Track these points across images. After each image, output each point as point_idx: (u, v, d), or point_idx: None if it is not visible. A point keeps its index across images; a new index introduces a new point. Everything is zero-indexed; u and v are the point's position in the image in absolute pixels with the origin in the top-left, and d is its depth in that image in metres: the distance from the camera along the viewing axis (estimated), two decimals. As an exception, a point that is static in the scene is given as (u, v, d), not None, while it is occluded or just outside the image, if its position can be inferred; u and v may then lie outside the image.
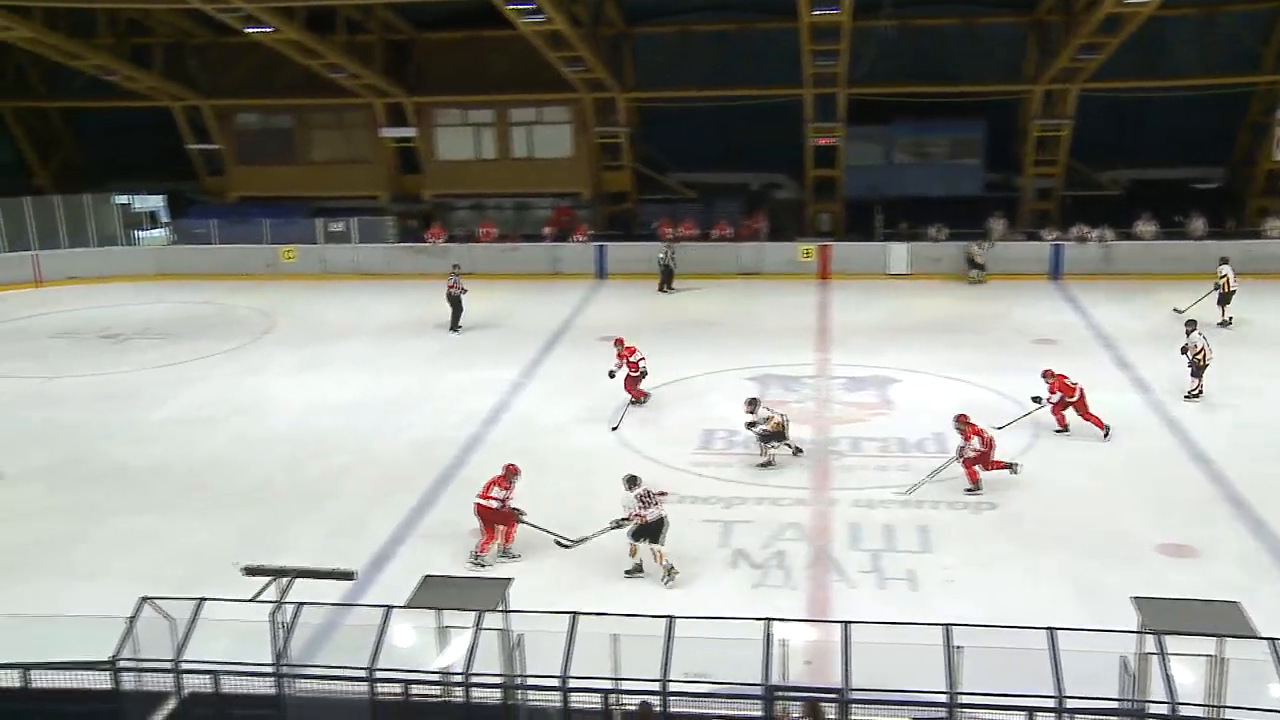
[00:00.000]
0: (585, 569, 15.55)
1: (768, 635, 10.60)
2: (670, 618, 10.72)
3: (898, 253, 34.02)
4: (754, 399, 19.59)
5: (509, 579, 12.03)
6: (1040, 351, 25.17)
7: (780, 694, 10.59)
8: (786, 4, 29.36)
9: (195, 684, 11.41)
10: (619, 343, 22.46)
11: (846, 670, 10.38)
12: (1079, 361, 22.88)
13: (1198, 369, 21.82)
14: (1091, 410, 20.07)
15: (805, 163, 35.46)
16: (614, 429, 19.64)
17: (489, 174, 37.07)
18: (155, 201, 38.35)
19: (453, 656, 11.30)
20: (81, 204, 36.38)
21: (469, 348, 27.05)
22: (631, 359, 22.09)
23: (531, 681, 11.12)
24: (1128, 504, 17.33)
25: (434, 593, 11.80)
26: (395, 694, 11.15)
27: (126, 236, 37.15)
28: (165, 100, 36.47)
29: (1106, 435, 19.88)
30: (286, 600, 11.77)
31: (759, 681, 10.50)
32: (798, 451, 19.26)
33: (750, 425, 19.14)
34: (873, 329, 28.05)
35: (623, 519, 15.33)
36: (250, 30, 30.08)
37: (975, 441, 17.71)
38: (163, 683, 11.47)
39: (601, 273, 34.39)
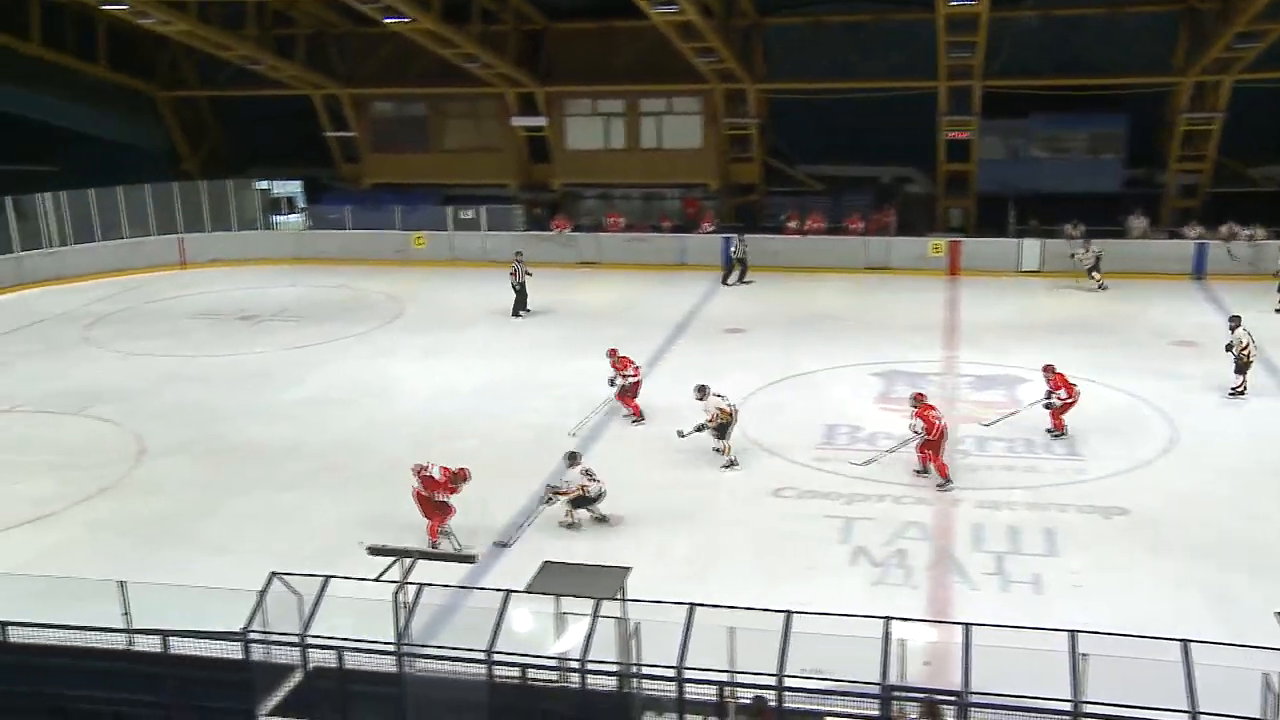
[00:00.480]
0: (705, 561, 15.53)
1: (886, 634, 10.43)
2: (788, 613, 10.62)
3: (1031, 249, 33.14)
4: (703, 386, 19.27)
5: (628, 568, 12.06)
6: (1179, 354, 24.28)
7: (898, 694, 10.42)
8: (922, -6, 28.84)
9: (320, 658, 11.72)
10: (613, 353, 21.54)
11: (966, 673, 10.16)
12: (1220, 365, 22.01)
13: (1242, 366, 21.22)
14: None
15: (937, 156, 34.78)
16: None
17: (617, 164, 37.24)
18: (293, 187, 39.47)
19: (570, 642, 11.38)
20: (225, 189, 37.64)
21: (593, 336, 27.17)
22: (625, 371, 21.27)
23: (647, 670, 11.14)
24: (1270, 513, 16.61)
25: (553, 578, 11.89)
26: (512, 677, 11.28)
27: (265, 221, 38.32)
28: (306, 89, 37.49)
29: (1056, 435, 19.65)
30: (409, 581, 12.00)
31: (877, 681, 10.34)
32: (732, 464, 18.78)
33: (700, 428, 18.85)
34: (1002, 327, 27.40)
35: (559, 490, 16.47)
36: (388, 20, 30.74)
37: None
38: (290, 656, 11.81)
39: (728, 264, 34.31)
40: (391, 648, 11.59)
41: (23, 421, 22.18)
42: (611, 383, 21.22)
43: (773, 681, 10.38)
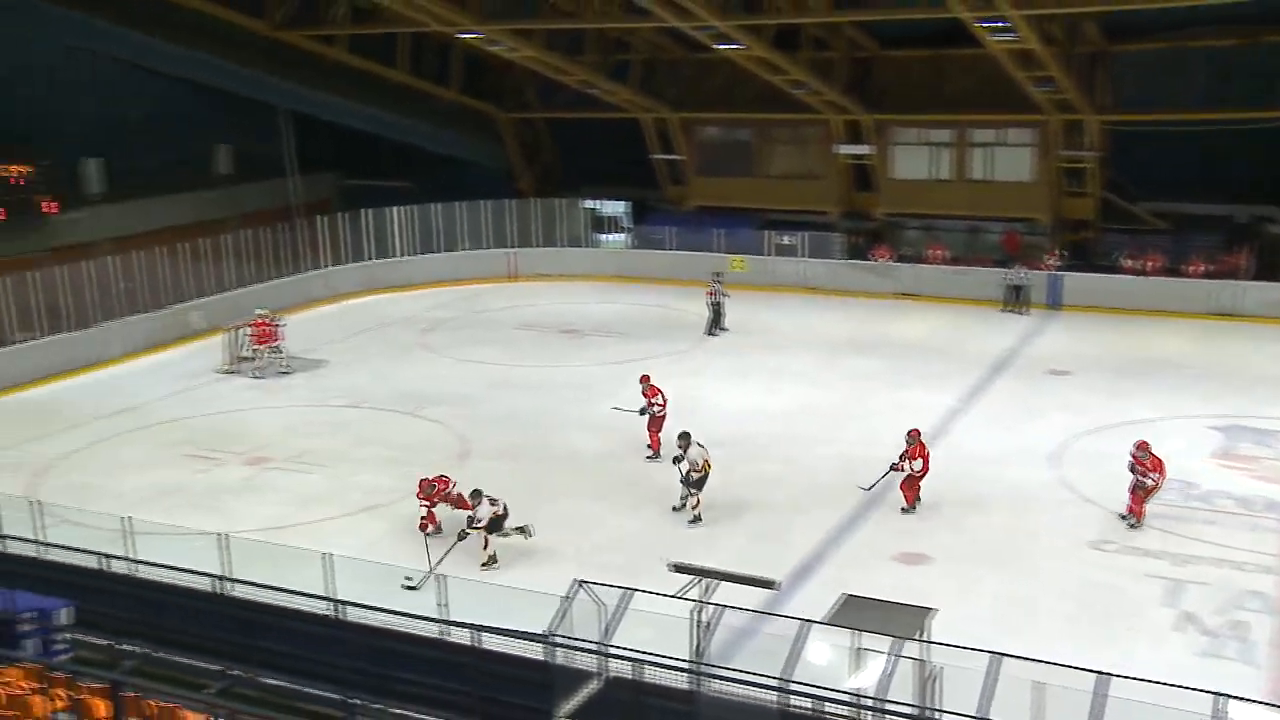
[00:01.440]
0: (1013, 608, 14.84)
1: (1216, 712, 9.60)
2: (1102, 674, 9.98)
3: None
4: (686, 433, 18.25)
5: (932, 609, 11.69)
6: None
7: (1226, 780, 9.57)
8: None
9: (618, 669, 11.99)
10: (645, 380, 21.47)
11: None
12: None
13: None
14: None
15: (1308, 195, 31.78)
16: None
17: (943, 195, 36.32)
18: (619, 207, 40.79)
19: (867, 679, 11.13)
20: (555, 207, 39.43)
21: (907, 369, 26.61)
22: (654, 400, 21.05)
23: (947, 717, 10.73)
24: None
25: (853, 613, 11.68)
26: (805, 708, 11.14)
27: (591, 239, 39.81)
28: (637, 113, 38.75)
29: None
30: (709, 600, 12.09)
31: (1202, 762, 9.54)
32: (696, 520, 17.87)
33: (676, 460, 18.25)
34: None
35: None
36: (720, 47, 31.37)
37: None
38: (589, 663, 12.15)
39: (1056, 302, 32.72)
40: (688, 665, 11.70)
41: (367, 418, 23.98)
42: (642, 412, 21.12)
43: (1083, 747, 9.77)
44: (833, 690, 11.24)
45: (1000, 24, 26.66)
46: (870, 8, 31.88)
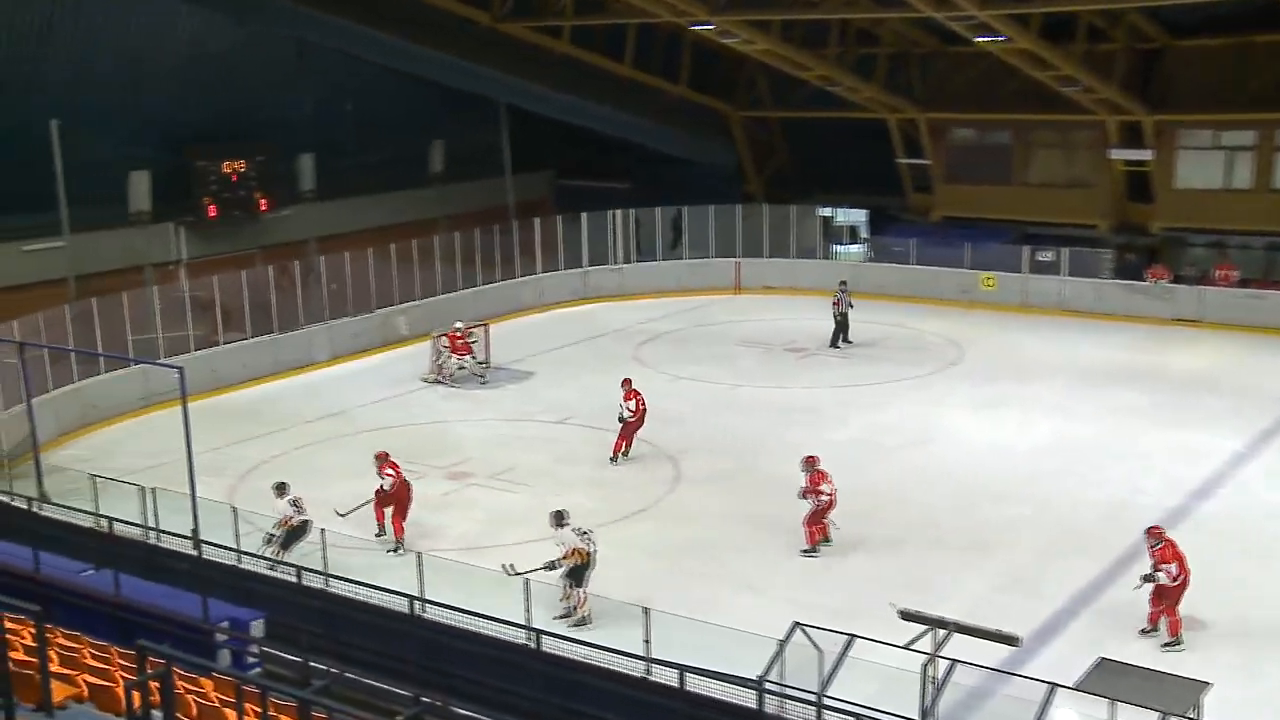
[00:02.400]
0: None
1: None
2: None
3: None
4: (560, 511, 16.37)
5: (1207, 684, 10.98)
6: None
7: None
8: None
9: (835, 721, 11.74)
10: (626, 383, 22.85)
11: None
12: None
13: None
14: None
15: None
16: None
17: (1238, 207, 34.33)
18: (857, 216, 40.29)
19: (1123, 758, 10.56)
20: (787, 214, 39.26)
21: (1184, 406, 25.26)
22: (627, 404, 22.44)
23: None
24: None
25: (1110, 679, 11.14)
26: (1049, 785, 10.65)
27: (824, 250, 39.47)
28: (882, 112, 38.25)
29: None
30: (941, 655, 11.71)
31: None
32: (582, 623, 15.68)
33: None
34: None
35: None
36: (980, 40, 30.52)
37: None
38: (804, 713, 11.92)
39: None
40: (914, 726, 11.37)
41: (574, 434, 24.39)
42: (620, 419, 22.40)
43: None
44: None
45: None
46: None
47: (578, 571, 15.99)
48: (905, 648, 11.91)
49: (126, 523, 17.36)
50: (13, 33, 27.49)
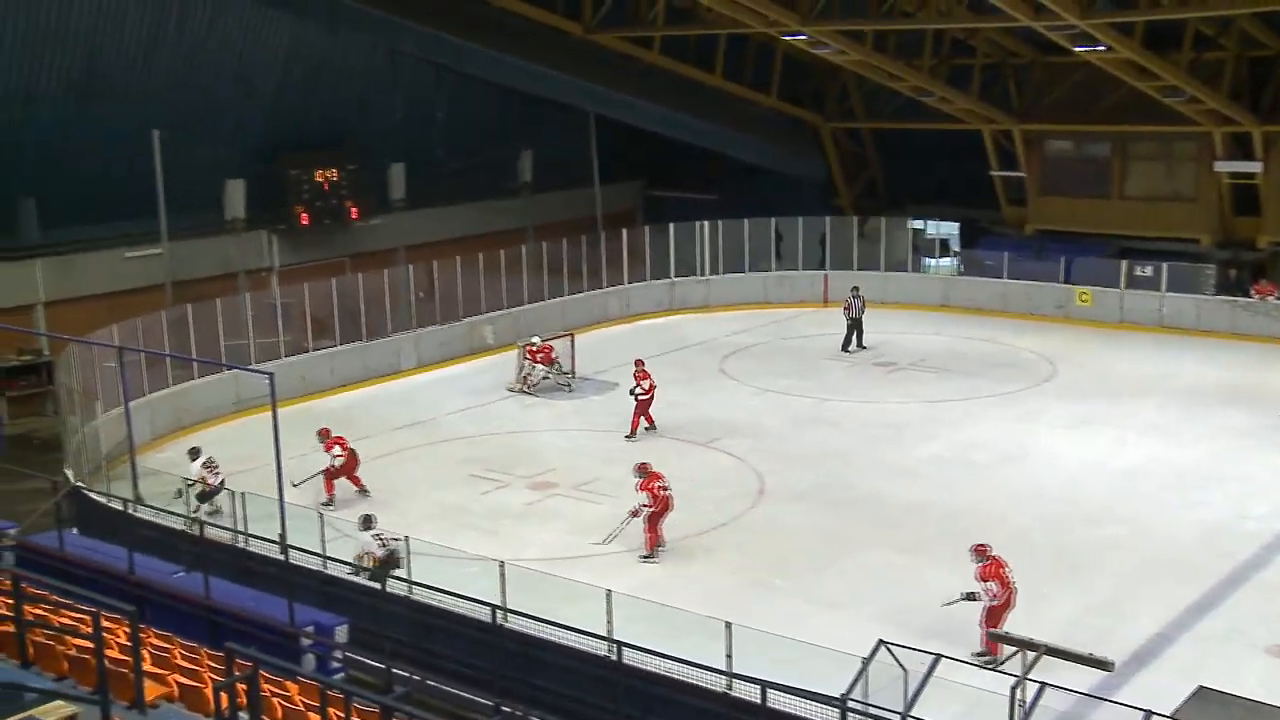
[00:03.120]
0: None
1: None
2: None
3: None
4: (368, 516, 17.10)
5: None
6: None
7: None
8: None
9: (919, 743, 11.63)
10: (639, 364, 25.27)
11: None
12: None
13: None
14: None
15: None
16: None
17: (1353, 221, 33.43)
18: (949, 229, 39.91)
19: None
20: (876, 226, 38.99)
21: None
22: (641, 383, 24.77)
23: None
24: None
25: (1209, 709, 10.92)
26: (1141, 814, 10.45)
27: (914, 263, 39.11)
28: (976, 124, 37.82)
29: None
30: (1030, 677, 11.55)
31: None
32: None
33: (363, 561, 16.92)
34: None
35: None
36: (1080, 49, 30.02)
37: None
38: (887, 733, 11.84)
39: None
40: (1001, 750, 11.22)
41: (658, 446, 24.41)
42: (631, 393, 24.81)
43: None
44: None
45: None
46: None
47: (379, 575, 16.55)
48: (994, 669, 11.77)
49: (217, 526, 17.73)
50: (121, 45, 28.26)
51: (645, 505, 18.64)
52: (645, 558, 18.66)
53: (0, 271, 28.28)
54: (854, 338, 31.96)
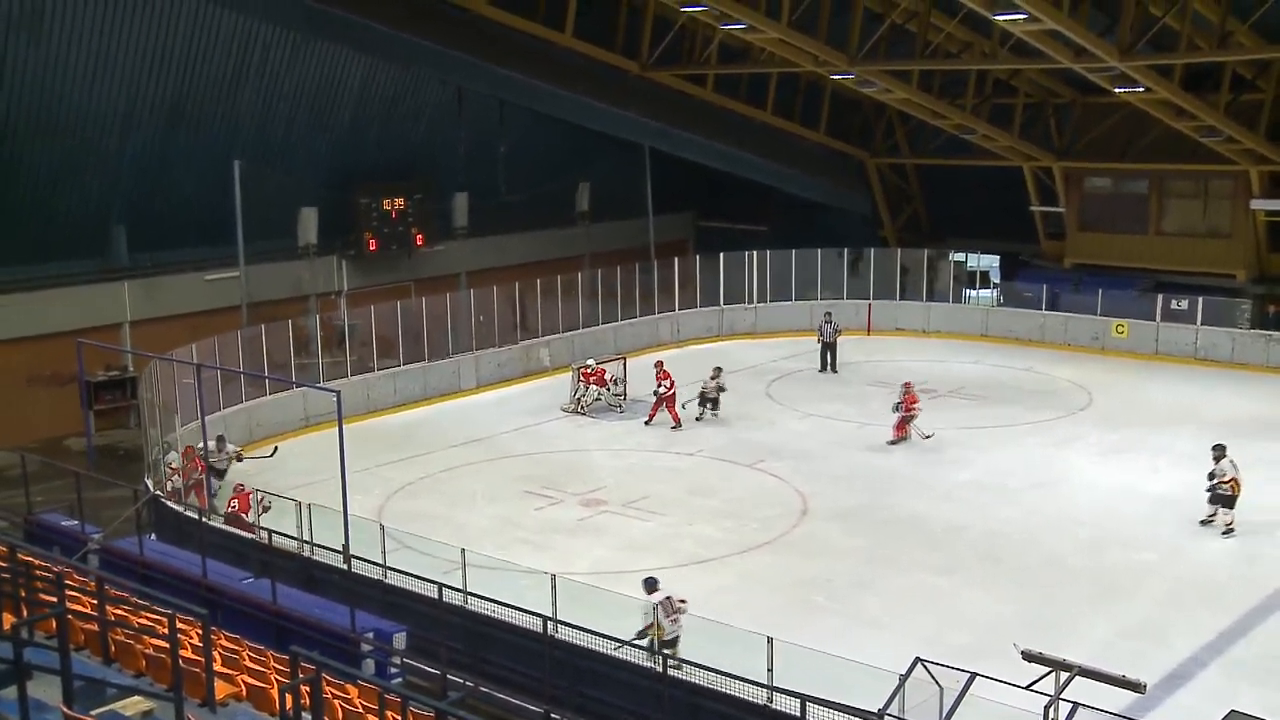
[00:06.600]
0: None
1: None
2: None
3: None
4: (652, 579, 15.32)
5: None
6: None
7: None
8: None
9: (954, 759, 11.52)
10: (659, 365, 28.00)
11: None
12: None
13: (1223, 499, 19.88)
14: None
15: None
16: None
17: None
18: (989, 261, 39.64)
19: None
20: (919, 258, 38.82)
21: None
22: (663, 382, 27.24)
23: None
24: None
25: (1236, 732, 10.69)
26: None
27: (955, 294, 38.87)
28: (1017, 160, 37.60)
29: None
30: (1063, 697, 11.41)
31: None
32: None
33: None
34: None
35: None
36: (1120, 90, 29.77)
37: None
38: (921, 748, 11.74)
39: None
40: (1033, 767, 11.09)
41: (706, 466, 24.41)
42: (654, 393, 27.31)
43: None
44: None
45: None
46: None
47: None
48: (1027, 688, 11.63)
49: (285, 535, 17.90)
50: (210, 76, 28.71)
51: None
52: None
53: (93, 292, 28.77)
54: (828, 361, 32.78)
